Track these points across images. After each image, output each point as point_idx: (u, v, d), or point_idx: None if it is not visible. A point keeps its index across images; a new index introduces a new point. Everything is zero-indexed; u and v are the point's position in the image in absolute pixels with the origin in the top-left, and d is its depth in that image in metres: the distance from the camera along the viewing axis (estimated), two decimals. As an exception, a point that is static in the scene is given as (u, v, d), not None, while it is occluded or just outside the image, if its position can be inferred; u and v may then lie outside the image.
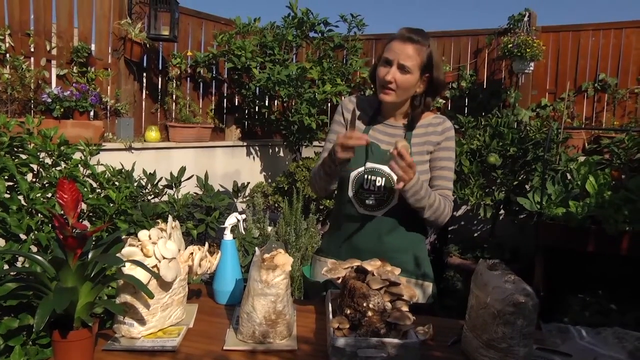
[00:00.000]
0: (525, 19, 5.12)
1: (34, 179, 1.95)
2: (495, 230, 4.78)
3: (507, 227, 4.62)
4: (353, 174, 1.79)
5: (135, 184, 2.37)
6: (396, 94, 1.73)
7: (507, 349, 1.24)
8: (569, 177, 3.87)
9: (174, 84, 5.15)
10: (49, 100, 3.84)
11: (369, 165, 1.77)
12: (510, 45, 4.97)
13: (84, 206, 2.01)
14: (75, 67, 4.28)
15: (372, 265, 1.49)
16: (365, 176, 1.77)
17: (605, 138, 4.69)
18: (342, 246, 1.85)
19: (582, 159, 4.10)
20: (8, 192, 1.79)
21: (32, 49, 4.06)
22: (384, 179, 1.75)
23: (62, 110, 3.88)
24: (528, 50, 4.89)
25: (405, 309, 1.38)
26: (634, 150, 3.90)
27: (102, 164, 2.25)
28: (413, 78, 1.71)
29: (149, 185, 2.52)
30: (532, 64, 5.08)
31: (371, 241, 1.80)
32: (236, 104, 5.93)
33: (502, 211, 4.63)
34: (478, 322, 1.31)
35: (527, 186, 4.29)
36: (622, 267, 3.59)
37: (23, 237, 1.74)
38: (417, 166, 1.74)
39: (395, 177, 1.68)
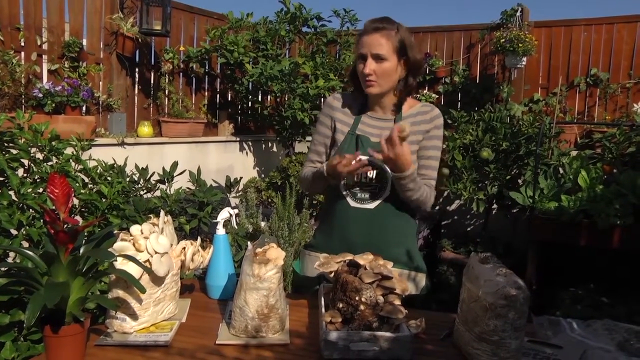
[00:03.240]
0: (518, 14, 5.13)
1: (25, 174, 1.94)
2: (488, 224, 4.80)
3: (500, 221, 4.64)
4: None
5: (128, 179, 2.36)
6: (379, 84, 1.75)
7: (499, 341, 1.25)
8: (561, 171, 3.89)
9: (167, 79, 5.12)
10: (40, 95, 3.81)
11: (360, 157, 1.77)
12: (503, 40, 4.98)
13: (76, 201, 2.00)
14: (66, 62, 4.25)
15: (364, 259, 1.49)
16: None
17: (597, 132, 4.72)
18: (333, 240, 1.83)
19: (574, 153, 4.13)
20: (-1, 187, 1.78)
21: (23, 44, 4.02)
22: (375, 171, 1.76)
23: (53, 105, 3.85)
24: (520, 45, 4.90)
25: (397, 302, 1.39)
26: (625, 145, 3.92)
27: (94, 159, 2.24)
28: (390, 64, 1.73)
29: (142, 180, 2.52)
30: (524, 58, 5.09)
31: (363, 234, 1.79)
32: (229, 99, 5.91)
33: (494, 205, 4.65)
34: (470, 315, 1.32)
35: (519, 180, 4.32)
36: (613, 261, 3.62)
37: (14, 232, 1.73)
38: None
39: (389, 172, 1.71)
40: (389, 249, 1.74)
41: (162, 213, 1.60)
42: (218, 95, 5.83)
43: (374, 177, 1.76)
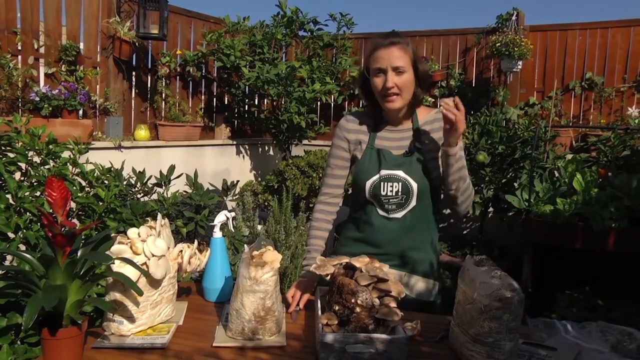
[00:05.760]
0: (513, 18, 5.15)
1: (22, 178, 1.94)
2: (483, 227, 4.81)
3: (496, 224, 4.65)
4: (368, 183, 1.79)
5: (125, 182, 2.36)
6: (401, 98, 1.74)
7: (494, 343, 1.26)
8: (556, 174, 3.90)
9: (164, 83, 5.13)
10: (37, 98, 3.82)
11: (383, 172, 1.77)
12: (499, 44, 5.00)
13: (73, 205, 2.00)
14: (63, 66, 4.25)
15: (360, 261, 1.50)
16: (381, 183, 1.77)
17: (592, 136, 4.74)
18: (353, 244, 1.87)
19: (569, 156, 4.14)
20: (-4, 190, 1.78)
21: (20, 47, 4.03)
22: (400, 184, 1.76)
23: (50, 108, 3.86)
24: (516, 49, 4.92)
25: (393, 305, 1.40)
26: (620, 148, 3.94)
27: (91, 163, 2.25)
28: (410, 76, 1.73)
29: (139, 183, 2.52)
30: (520, 62, 5.11)
31: (387, 240, 1.81)
32: (226, 102, 5.92)
33: (490, 209, 4.66)
34: (465, 317, 1.33)
35: (515, 184, 4.33)
36: (609, 264, 3.64)
37: (11, 235, 1.74)
38: (428, 163, 1.78)
39: (414, 183, 1.74)
40: (410, 254, 1.80)
41: (159, 216, 1.60)
42: (215, 99, 5.84)
43: (399, 189, 1.76)
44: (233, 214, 1.86)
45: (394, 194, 1.77)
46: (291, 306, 1.65)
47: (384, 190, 1.77)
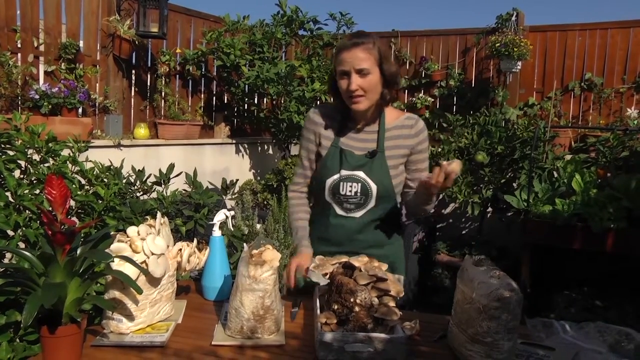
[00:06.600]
0: (513, 18, 5.15)
1: (21, 176, 1.94)
2: (482, 227, 4.81)
3: (495, 224, 4.66)
4: (328, 181, 1.81)
5: (124, 180, 2.37)
6: (367, 99, 1.74)
7: (492, 343, 1.26)
8: (555, 175, 3.91)
9: (163, 81, 5.12)
10: (37, 96, 3.81)
11: (344, 172, 1.79)
12: (498, 44, 5.00)
13: (72, 203, 2.01)
14: (63, 64, 4.25)
15: (359, 261, 1.51)
16: (341, 183, 1.79)
17: (591, 137, 4.75)
18: (316, 242, 1.89)
19: (568, 157, 4.15)
20: (-5, 188, 1.78)
21: (19, 45, 4.02)
22: (359, 184, 1.78)
23: (50, 106, 3.85)
24: (515, 49, 4.92)
25: (392, 304, 1.40)
26: (619, 149, 3.95)
27: (90, 161, 2.25)
28: (375, 77, 1.72)
29: (138, 182, 2.53)
30: (519, 63, 5.11)
31: (345, 238, 1.84)
32: (225, 101, 5.91)
33: (489, 209, 4.67)
34: (464, 317, 1.33)
35: (514, 184, 4.33)
36: (607, 264, 3.64)
37: (11, 233, 1.74)
38: (390, 170, 1.79)
39: (373, 185, 1.76)
40: (369, 252, 1.79)
41: (158, 215, 1.60)
42: (214, 98, 5.83)
43: (358, 190, 1.78)
44: (232, 212, 1.86)
45: (352, 194, 1.79)
46: (289, 280, 1.72)
47: (343, 190, 1.79)
